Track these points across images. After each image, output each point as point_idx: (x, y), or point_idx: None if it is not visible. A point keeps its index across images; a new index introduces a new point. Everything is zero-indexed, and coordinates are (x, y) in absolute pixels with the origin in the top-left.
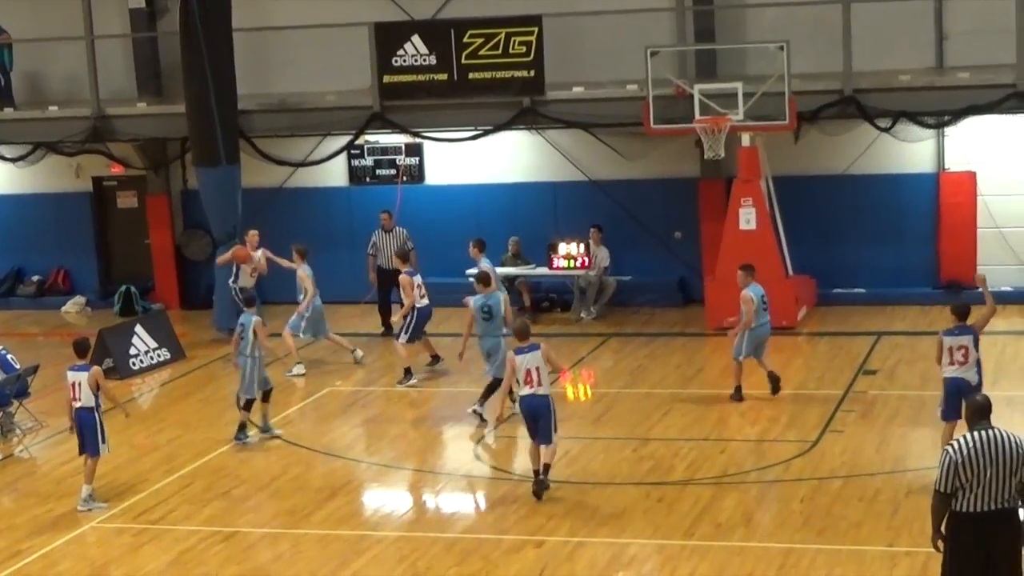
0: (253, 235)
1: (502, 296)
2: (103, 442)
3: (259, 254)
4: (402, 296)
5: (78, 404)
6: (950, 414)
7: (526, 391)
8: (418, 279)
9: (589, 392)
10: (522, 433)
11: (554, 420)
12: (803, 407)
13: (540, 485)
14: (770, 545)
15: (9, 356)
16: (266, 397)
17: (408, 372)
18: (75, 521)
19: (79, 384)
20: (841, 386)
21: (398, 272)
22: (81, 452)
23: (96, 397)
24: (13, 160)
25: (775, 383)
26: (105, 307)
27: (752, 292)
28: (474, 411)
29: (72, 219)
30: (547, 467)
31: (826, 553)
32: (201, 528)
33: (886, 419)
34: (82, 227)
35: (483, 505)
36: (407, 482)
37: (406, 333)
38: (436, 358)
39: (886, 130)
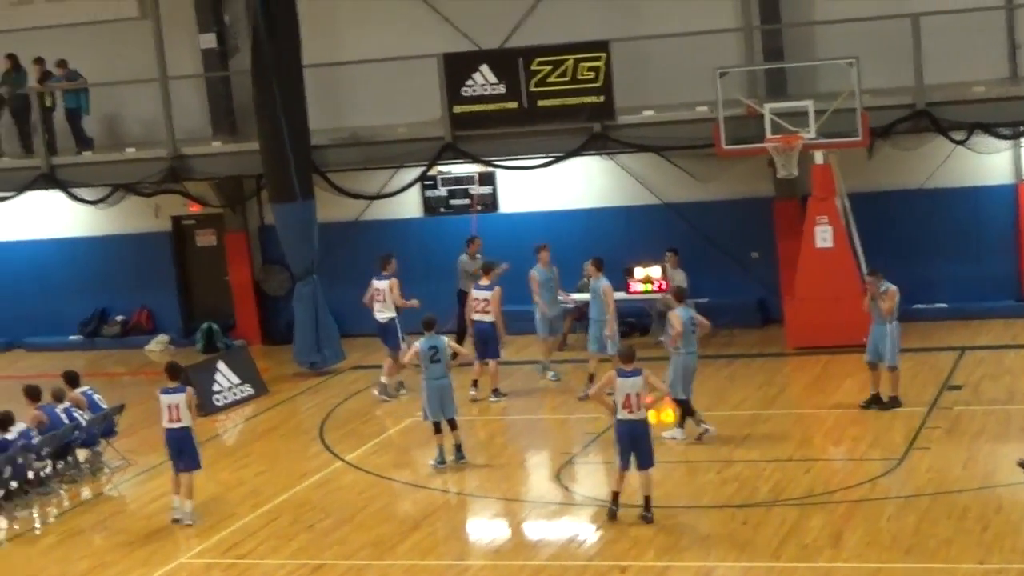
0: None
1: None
2: (199, 454)
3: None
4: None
5: (177, 424)
6: None
7: (624, 415)
8: (482, 294)
9: (672, 415)
10: (604, 459)
11: (651, 443)
12: (888, 424)
13: (645, 519)
14: (858, 565)
15: (96, 396)
16: (454, 424)
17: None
18: (166, 557)
19: (176, 406)
20: (926, 402)
21: None
22: (178, 470)
23: (192, 415)
24: (93, 202)
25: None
26: (188, 345)
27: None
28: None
29: (153, 259)
30: (648, 499)
31: (915, 572)
32: (288, 561)
33: (972, 435)
34: (163, 266)
35: (569, 531)
36: (491, 511)
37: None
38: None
39: (961, 142)
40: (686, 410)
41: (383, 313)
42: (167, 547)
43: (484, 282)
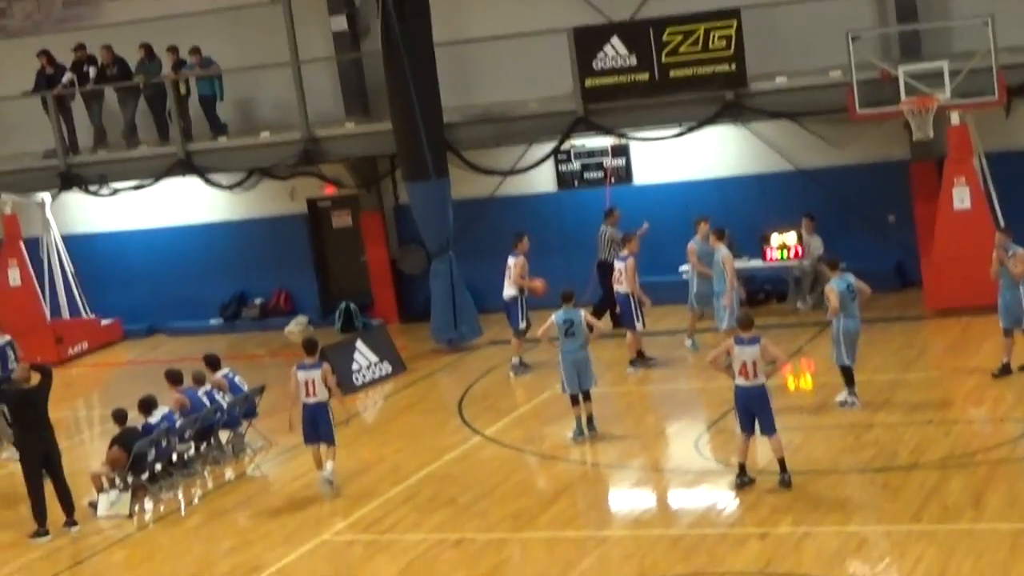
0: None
1: None
2: (334, 427)
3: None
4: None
5: (313, 400)
6: None
7: (741, 382)
8: (618, 265)
9: (810, 381)
10: None
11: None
12: None
13: (750, 479)
14: (1000, 526)
15: (236, 378)
16: (588, 396)
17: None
18: (307, 535)
19: (313, 381)
20: None
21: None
22: (313, 442)
23: (328, 390)
24: (229, 187)
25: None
26: (326, 325)
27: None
28: None
29: (290, 241)
30: (782, 461)
31: None
32: (429, 536)
33: None
34: (300, 248)
35: (707, 500)
36: (630, 481)
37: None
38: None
39: None
40: (846, 376)
41: (507, 291)
42: (309, 525)
43: (624, 253)
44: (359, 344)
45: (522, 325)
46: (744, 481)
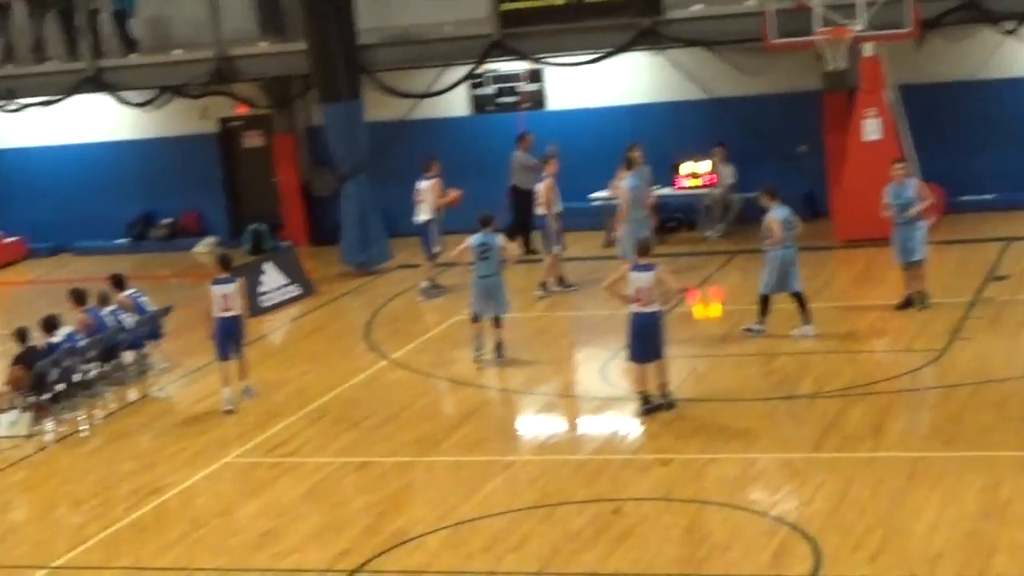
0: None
1: None
2: (243, 344)
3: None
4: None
5: (229, 313)
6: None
7: (635, 308)
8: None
9: (717, 310)
10: None
11: (664, 337)
12: (931, 316)
13: (654, 406)
14: (899, 454)
15: (142, 299)
16: (499, 322)
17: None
18: (211, 457)
19: (229, 295)
20: (970, 293)
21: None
22: (225, 358)
23: (243, 305)
24: (140, 105)
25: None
26: (235, 246)
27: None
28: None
29: (200, 161)
30: (664, 386)
31: (955, 460)
32: (334, 459)
33: (1016, 324)
34: (210, 169)
35: (611, 426)
36: (536, 406)
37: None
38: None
39: (1011, 32)
40: (762, 305)
41: (421, 215)
42: (213, 447)
43: (544, 175)
44: (267, 266)
45: (436, 249)
46: (649, 408)
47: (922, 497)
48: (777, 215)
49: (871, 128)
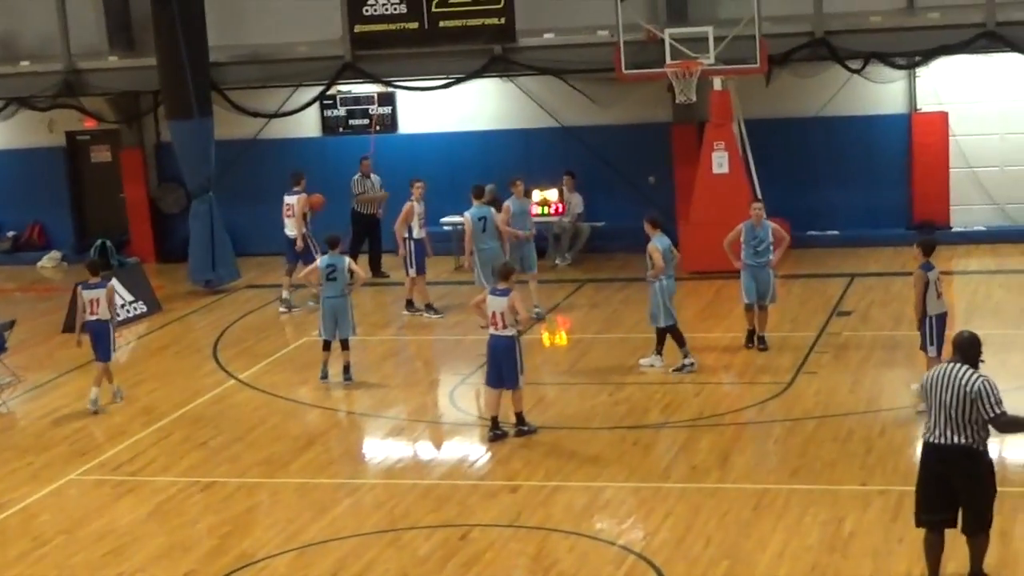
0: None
1: None
2: (113, 351)
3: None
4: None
5: (95, 317)
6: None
7: (492, 331)
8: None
9: (565, 338)
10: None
11: (520, 363)
12: (777, 350)
13: (502, 432)
14: (745, 486)
15: None
16: (346, 344)
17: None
18: (54, 474)
19: (97, 300)
20: (815, 328)
21: (374, 216)
22: (99, 359)
23: (110, 311)
24: None
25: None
26: (81, 261)
27: (658, 243)
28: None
29: (46, 174)
30: (519, 415)
31: (800, 493)
32: (179, 479)
33: (860, 360)
34: (56, 182)
35: (460, 451)
36: (384, 430)
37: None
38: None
39: (858, 71)
40: (676, 337)
41: (290, 229)
42: (57, 464)
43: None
44: (114, 282)
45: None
46: (497, 434)
47: (767, 528)
48: (658, 244)
49: (719, 161)
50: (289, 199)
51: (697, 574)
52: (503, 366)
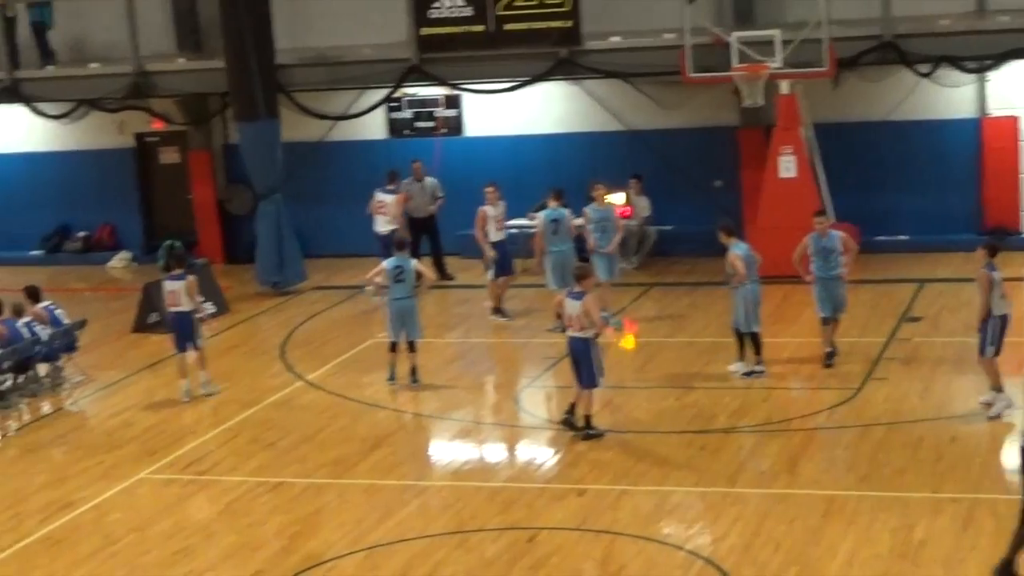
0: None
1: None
2: (199, 337)
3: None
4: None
5: (177, 308)
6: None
7: (570, 332)
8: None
9: (632, 342)
10: (565, 383)
11: (596, 365)
12: (846, 355)
13: (569, 425)
14: (813, 492)
15: (57, 311)
16: (413, 347)
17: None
18: (125, 473)
19: (178, 292)
20: (884, 334)
21: (428, 219)
22: (181, 350)
23: (192, 301)
24: (56, 117)
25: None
26: (150, 262)
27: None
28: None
29: (116, 175)
30: (587, 418)
31: (870, 500)
32: (248, 479)
33: (930, 366)
34: (126, 183)
35: (527, 454)
36: (451, 432)
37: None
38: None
39: (927, 75)
40: (755, 343)
41: (385, 226)
42: (127, 463)
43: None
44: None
45: None
46: (590, 434)
47: (836, 535)
48: (738, 251)
49: (787, 165)
50: (383, 196)
51: None
52: (579, 366)
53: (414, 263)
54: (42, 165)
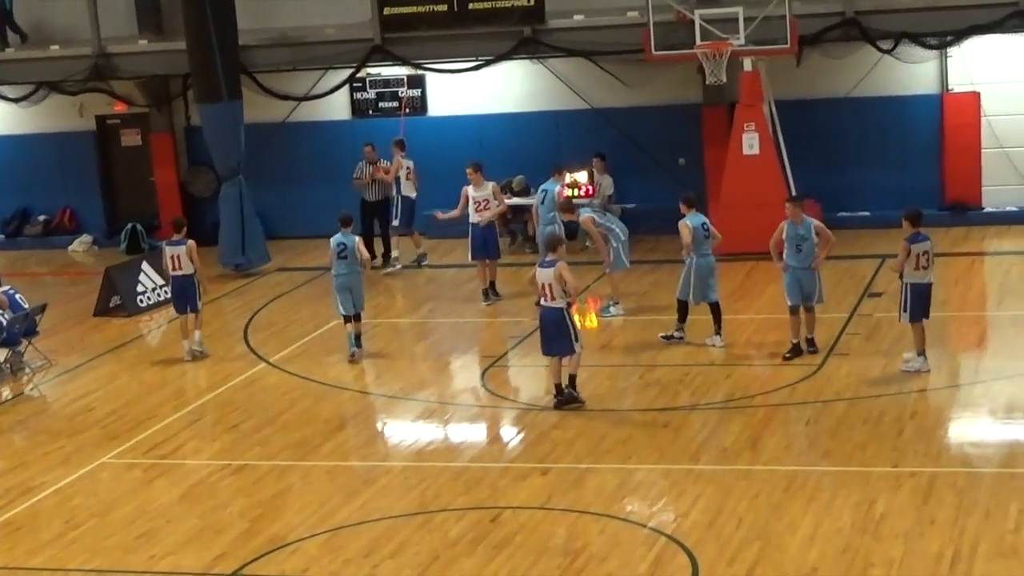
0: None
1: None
2: (199, 299)
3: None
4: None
5: (179, 272)
6: (920, 315)
7: (541, 302)
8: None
9: (595, 320)
10: (530, 362)
11: (573, 331)
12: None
13: (562, 399)
14: (775, 468)
15: (18, 296)
16: (359, 317)
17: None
18: (87, 458)
19: (179, 256)
20: (846, 309)
21: (381, 202)
22: (183, 312)
23: (193, 264)
24: (16, 100)
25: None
26: (112, 245)
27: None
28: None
29: (77, 158)
30: (572, 378)
31: (831, 475)
32: (211, 462)
33: (891, 341)
34: (87, 166)
35: (490, 434)
36: (415, 413)
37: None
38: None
39: (888, 51)
40: (680, 311)
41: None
42: (89, 447)
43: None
44: (144, 266)
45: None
46: (560, 400)
47: (798, 510)
48: (689, 221)
49: (750, 142)
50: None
51: (728, 556)
52: (553, 337)
53: (357, 240)
54: (1, 148)
